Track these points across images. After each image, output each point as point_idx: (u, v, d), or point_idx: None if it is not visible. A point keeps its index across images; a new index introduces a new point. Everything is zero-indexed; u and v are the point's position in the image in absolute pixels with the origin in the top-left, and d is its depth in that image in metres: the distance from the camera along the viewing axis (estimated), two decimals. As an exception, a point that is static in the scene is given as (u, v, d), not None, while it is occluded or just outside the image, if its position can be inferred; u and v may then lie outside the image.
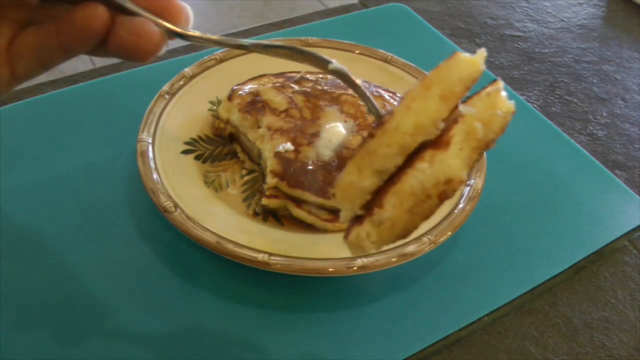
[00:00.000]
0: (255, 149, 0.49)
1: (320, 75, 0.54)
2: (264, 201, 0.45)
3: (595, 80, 0.66)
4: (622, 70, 0.68)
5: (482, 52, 0.30)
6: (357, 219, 0.30)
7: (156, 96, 0.51)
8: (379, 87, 0.53)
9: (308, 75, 0.53)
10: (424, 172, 0.28)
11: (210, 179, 0.48)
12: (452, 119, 0.29)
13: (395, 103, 0.51)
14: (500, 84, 0.31)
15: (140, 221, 0.46)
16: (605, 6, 0.79)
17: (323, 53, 0.57)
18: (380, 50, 0.58)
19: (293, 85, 0.52)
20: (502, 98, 0.30)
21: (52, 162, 0.50)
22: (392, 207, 0.29)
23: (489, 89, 0.30)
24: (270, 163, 0.46)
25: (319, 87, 0.52)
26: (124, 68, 0.60)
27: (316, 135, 0.47)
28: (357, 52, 0.58)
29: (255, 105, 0.50)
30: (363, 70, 0.57)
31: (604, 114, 0.62)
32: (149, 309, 0.41)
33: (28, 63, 0.28)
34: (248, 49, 0.33)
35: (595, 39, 0.73)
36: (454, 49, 0.66)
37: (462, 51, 0.31)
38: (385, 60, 0.58)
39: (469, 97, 0.31)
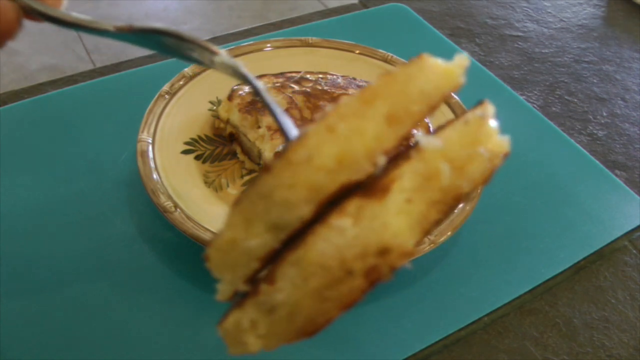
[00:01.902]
0: (255, 149, 0.49)
1: (320, 75, 0.54)
2: (264, 201, 0.45)
3: (595, 80, 0.66)
4: (622, 70, 0.68)
5: (463, 60, 0.21)
6: (243, 298, 0.20)
7: (156, 96, 0.51)
8: (379, 87, 0.53)
9: (308, 76, 0.53)
10: (343, 233, 0.18)
11: (210, 179, 0.48)
12: (404, 154, 0.19)
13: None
14: (489, 108, 0.21)
15: (140, 221, 0.46)
16: (605, 6, 0.79)
17: (323, 53, 0.59)
18: (380, 50, 0.58)
19: (293, 85, 0.52)
20: (489, 129, 0.20)
21: (51, 162, 0.50)
22: (290, 285, 0.18)
23: (470, 114, 0.20)
24: (270, 163, 0.46)
25: (319, 87, 0.52)
26: (124, 68, 0.60)
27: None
28: (357, 52, 0.58)
29: (255, 105, 0.50)
30: (363, 70, 0.57)
31: (604, 114, 0.62)
32: (149, 309, 0.41)
33: None
34: (111, 33, 0.26)
35: (595, 39, 0.73)
36: (454, 49, 0.66)
37: (431, 55, 0.21)
38: (385, 60, 0.58)
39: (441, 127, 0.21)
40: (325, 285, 0.18)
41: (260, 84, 0.25)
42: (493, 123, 0.21)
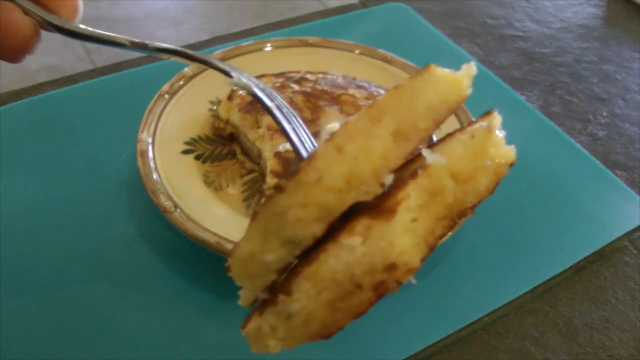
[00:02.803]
0: (255, 149, 0.49)
1: (320, 75, 0.54)
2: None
3: (595, 80, 0.66)
4: (622, 70, 0.68)
5: (471, 68, 0.21)
6: (263, 304, 0.22)
7: (156, 96, 0.51)
8: (379, 87, 0.53)
9: (308, 76, 0.53)
10: (352, 251, 0.19)
11: (210, 179, 0.48)
12: (410, 171, 0.20)
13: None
14: (497, 118, 0.21)
15: (140, 221, 0.46)
16: (605, 6, 0.79)
17: (323, 53, 0.58)
18: (380, 50, 0.58)
19: (293, 85, 0.52)
20: (496, 140, 0.21)
21: (52, 162, 0.50)
22: (304, 297, 0.20)
23: (476, 125, 0.21)
24: (271, 163, 0.46)
25: (319, 87, 0.52)
26: (124, 68, 0.60)
27: (316, 135, 0.47)
28: (357, 52, 0.58)
29: (255, 105, 0.50)
30: (363, 70, 0.57)
31: (604, 114, 0.62)
32: (149, 309, 0.41)
33: None
34: (127, 48, 0.27)
35: (595, 39, 0.73)
36: (454, 49, 0.66)
37: (438, 65, 0.22)
38: (385, 60, 0.58)
39: (448, 135, 0.21)
40: (337, 297, 0.20)
41: (269, 102, 0.26)
42: (500, 133, 0.21)
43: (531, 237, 0.48)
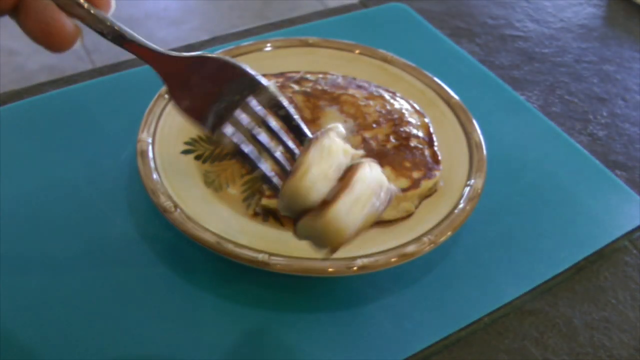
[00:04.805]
0: (255, 149, 0.49)
1: (320, 75, 0.54)
2: (264, 201, 0.45)
3: (595, 80, 0.66)
4: (622, 70, 0.68)
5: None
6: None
7: (156, 96, 0.51)
8: (379, 87, 0.53)
9: (308, 75, 0.53)
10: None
11: (210, 179, 0.48)
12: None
13: (396, 104, 0.51)
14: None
15: (140, 221, 0.46)
16: (605, 6, 0.79)
17: (323, 53, 0.59)
18: (380, 50, 0.58)
19: (293, 85, 0.52)
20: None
21: (51, 162, 0.50)
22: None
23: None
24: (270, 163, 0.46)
25: (319, 87, 0.52)
26: (123, 68, 0.60)
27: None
28: (357, 52, 0.58)
29: (255, 105, 0.50)
30: (363, 70, 0.57)
31: (604, 114, 0.62)
32: (149, 309, 0.41)
33: None
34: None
35: (595, 39, 0.73)
36: (454, 49, 0.66)
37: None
38: (385, 60, 0.58)
39: None
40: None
41: (293, 110, 0.35)
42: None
43: (531, 237, 0.48)
